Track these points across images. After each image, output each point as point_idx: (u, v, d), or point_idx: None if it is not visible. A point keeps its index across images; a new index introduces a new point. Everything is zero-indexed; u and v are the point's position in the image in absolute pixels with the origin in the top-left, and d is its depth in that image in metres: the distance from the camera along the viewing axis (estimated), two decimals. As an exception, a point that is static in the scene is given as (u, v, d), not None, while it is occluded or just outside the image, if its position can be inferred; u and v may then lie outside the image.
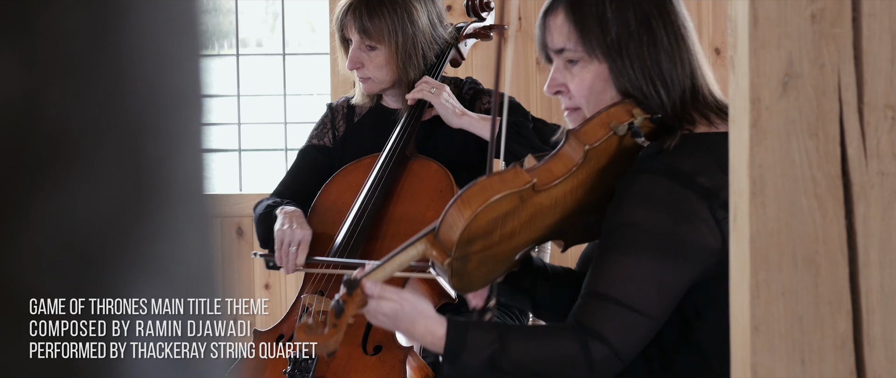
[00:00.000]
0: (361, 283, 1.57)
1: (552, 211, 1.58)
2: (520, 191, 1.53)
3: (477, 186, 1.53)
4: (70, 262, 0.36)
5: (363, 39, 2.32)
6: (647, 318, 1.52)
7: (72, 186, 0.36)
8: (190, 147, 0.40)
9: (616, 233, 1.54)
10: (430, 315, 1.58)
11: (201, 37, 0.40)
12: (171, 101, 0.39)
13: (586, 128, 1.58)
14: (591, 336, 1.51)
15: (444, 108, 2.29)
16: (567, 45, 1.62)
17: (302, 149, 2.52)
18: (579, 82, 1.62)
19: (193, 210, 0.39)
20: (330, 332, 1.53)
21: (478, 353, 1.55)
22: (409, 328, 1.58)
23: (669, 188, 1.52)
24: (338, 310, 1.54)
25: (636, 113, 1.58)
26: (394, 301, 1.56)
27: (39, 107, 0.36)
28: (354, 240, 2.25)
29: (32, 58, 0.35)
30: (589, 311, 1.53)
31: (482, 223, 1.52)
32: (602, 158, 1.58)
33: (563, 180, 1.56)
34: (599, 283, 1.53)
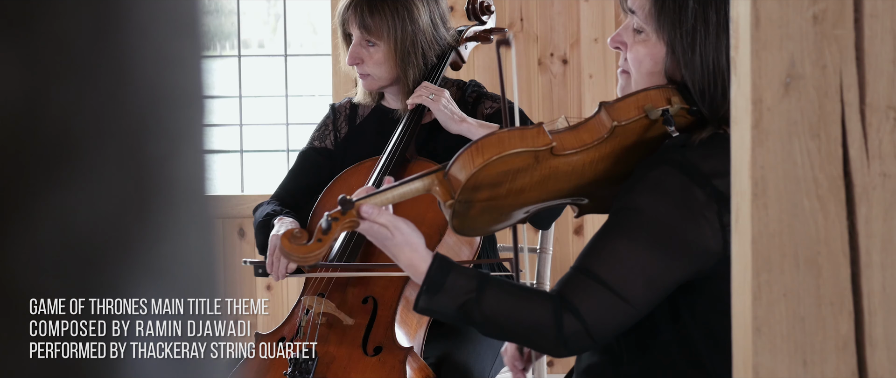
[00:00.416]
0: (357, 205, 1.57)
1: (567, 177, 1.57)
2: (536, 150, 1.52)
3: (495, 137, 1.52)
4: (71, 262, 0.36)
5: (363, 35, 2.33)
6: (628, 304, 1.52)
7: (73, 187, 0.36)
8: (192, 148, 0.40)
9: (620, 214, 1.54)
10: (418, 249, 1.59)
11: (203, 38, 0.40)
12: (172, 102, 0.39)
13: (620, 104, 1.56)
14: (567, 309, 1.52)
15: (443, 114, 2.29)
16: (639, 14, 1.60)
17: (302, 151, 2.52)
18: (635, 53, 1.61)
19: (195, 211, 0.39)
20: (313, 245, 1.54)
21: (453, 297, 1.55)
22: (395, 255, 1.60)
23: (683, 184, 1.51)
24: (325, 226, 1.54)
25: (675, 101, 1.56)
26: (386, 227, 1.58)
27: (41, 107, 0.36)
28: (354, 242, 2.25)
29: (34, 58, 0.35)
30: (572, 285, 1.54)
31: (491, 173, 1.52)
32: (629, 137, 1.57)
33: (584, 150, 1.55)
34: (590, 260, 1.54)
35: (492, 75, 3.75)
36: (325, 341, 2.19)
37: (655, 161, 1.54)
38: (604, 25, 3.77)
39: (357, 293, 2.25)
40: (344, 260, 2.23)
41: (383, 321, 2.19)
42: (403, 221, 1.60)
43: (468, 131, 2.30)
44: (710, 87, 1.55)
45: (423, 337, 2.24)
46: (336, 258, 2.25)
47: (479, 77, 3.68)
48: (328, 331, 2.21)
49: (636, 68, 1.61)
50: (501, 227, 1.69)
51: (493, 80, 3.69)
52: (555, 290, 1.56)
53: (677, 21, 1.56)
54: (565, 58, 3.77)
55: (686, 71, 1.56)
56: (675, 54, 1.57)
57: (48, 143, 0.36)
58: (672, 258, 1.52)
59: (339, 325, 2.21)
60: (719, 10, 1.55)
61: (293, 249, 1.53)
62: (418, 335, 2.23)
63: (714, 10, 1.55)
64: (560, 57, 3.78)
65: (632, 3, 1.61)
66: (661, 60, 1.59)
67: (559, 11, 3.75)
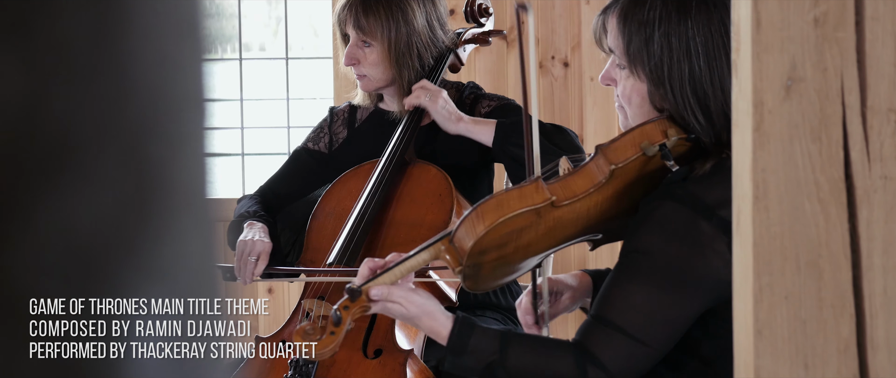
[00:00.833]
0: (365, 291, 1.57)
1: (573, 224, 1.58)
2: (537, 207, 1.52)
3: (494, 200, 1.53)
4: (72, 263, 0.36)
5: (359, 36, 2.34)
6: (648, 348, 1.53)
7: (74, 189, 0.36)
8: (192, 151, 0.40)
9: (630, 258, 1.55)
10: (436, 316, 1.59)
11: (204, 41, 0.40)
12: (173, 105, 0.39)
13: (616, 145, 1.56)
14: (590, 361, 1.53)
15: (440, 115, 2.29)
16: (616, 52, 1.62)
17: (295, 150, 2.53)
18: (623, 89, 1.63)
19: (196, 214, 0.39)
20: (327, 339, 1.54)
21: (478, 359, 1.57)
22: (416, 325, 1.62)
23: (689, 219, 1.51)
24: (336, 319, 1.54)
25: (671, 133, 1.56)
26: (399, 304, 1.58)
27: (43, 110, 0.36)
28: (354, 245, 2.25)
29: (36, 61, 0.35)
30: (592, 335, 1.55)
31: (495, 237, 1.53)
32: (629, 175, 1.57)
33: (584, 197, 1.55)
34: (606, 309, 1.55)
35: (492, 78, 3.76)
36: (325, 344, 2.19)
37: (659, 197, 1.54)
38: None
39: (358, 296, 2.24)
40: (343, 263, 2.23)
41: (383, 324, 2.19)
42: (415, 292, 1.61)
43: (466, 131, 2.30)
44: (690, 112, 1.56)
45: (423, 339, 2.24)
46: (335, 261, 2.25)
47: (479, 79, 3.68)
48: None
49: (627, 104, 1.62)
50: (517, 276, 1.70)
51: (493, 82, 3.70)
52: (575, 340, 1.57)
53: (645, 55, 1.57)
54: (566, 61, 3.77)
55: (664, 102, 1.57)
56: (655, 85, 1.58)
57: (49, 145, 0.36)
58: (687, 297, 1.52)
59: (340, 327, 2.21)
60: (681, 35, 1.56)
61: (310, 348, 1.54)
62: (418, 338, 2.23)
63: (675, 36, 1.56)
64: (561, 60, 3.78)
65: (610, 44, 1.64)
66: (645, 94, 1.60)
67: (560, 14, 3.75)
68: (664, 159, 1.54)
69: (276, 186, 2.47)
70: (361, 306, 1.57)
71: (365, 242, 2.27)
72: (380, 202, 2.30)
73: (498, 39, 3.69)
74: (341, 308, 1.55)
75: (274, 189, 2.46)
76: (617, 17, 1.61)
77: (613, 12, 1.62)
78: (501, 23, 3.71)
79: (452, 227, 1.57)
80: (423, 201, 2.29)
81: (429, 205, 2.28)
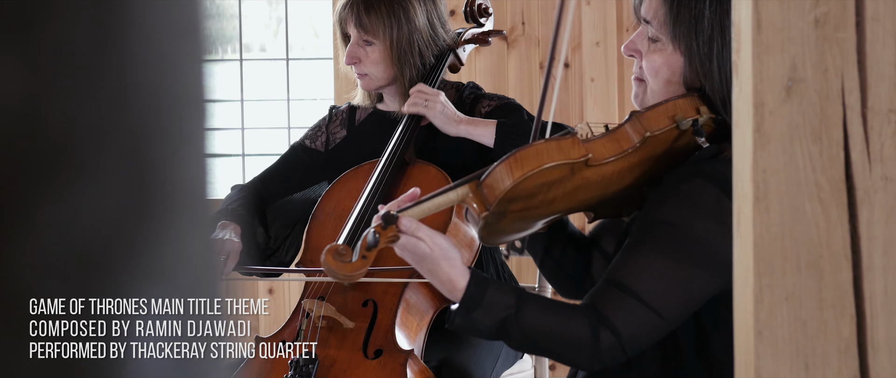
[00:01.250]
0: (398, 218, 1.55)
1: (596, 186, 1.57)
2: (573, 162, 1.51)
3: (533, 149, 1.51)
4: (72, 264, 0.36)
5: (360, 34, 2.35)
6: (662, 319, 1.51)
7: (75, 190, 0.36)
8: (193, 152, 0.40)
9: (655, 228, 1.53)
10: (456, 264, 1.57)
11: (205, 41, 0.40)
12: (174, 106, 0.39)
13: (650, 114, 1.55)
14: (603, 324, 1.51)
15: (439, 119, 2.29)
16: (654, 23, 1.59)
17: (293, 145, 2.54)
18: (650, 62, 1.60)
19: (196, 214, 0.39)
20: (358, 262, 1.51)
21: (492, 314, 1.54)
22: (432, 270, 1.57)
23: (716, 197, 1.50)
24: (372, 242, 1.51)
25: (703, 111, 1.55)
26: (425, 242, 1.56)
27: (43, 111, 0.36)
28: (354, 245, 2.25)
29: (36, 62, 0.35)
30: (608, 300, 1.52)
31: (529, 186, 1.51)
32: (658, 147, 1.56)
33: (615, 160, 1.54)
34: (625, 275, 1.53)
35: (493, 78, 3.75)
36: (325, 344, 2.19)
37: (687, 173, 1.53)
38: (605, 29, 3.77)
39: (357, 296, 2.25)
40: (345, 263, 2.23)
41: (384, 324, 2.19)
42: (440, 235, 1.59)
43: (466, 132, 2.30)
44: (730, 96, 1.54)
45: (423, 340, 2.24)
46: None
47: (479, 79, 3.68)
48: (328, 334, 2.21)
49: (653, 77, 1.60)
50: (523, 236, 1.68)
51: (493, 83, 3.70)
52: (586, 304, 1.55)
53: (694, 30, 1.54)
54: (567, 61, 3.77)
55: (705, 81, 1.55)
56: (693, 64, 1.55)
57: (50, 146, 0.36)
58: (707, 272, 1.51)
59: (340, 328, 2.21)
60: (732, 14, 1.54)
61: (339, 267, 1.51)
62: (419, 338, 2.23)
63: (729, 15, 1.54)
64: (561, 61, 3.78)
65: (646, 13, 1.60)
66: (678, 70, 1.58)
67: (561, 15, 3.74)
68: (696, 135, 1.53)
69: (269, 180, 2.48)
70: (391, 235, 1.55)
71: (365, 243, 2.27)
72: (380, 202, 2.30)
73: (498, 39, 3.69)
74: (376, 230, 1.53)
75: (266, 183, 2.47)
76: None
77: None
78: (501, 23, 3.71)
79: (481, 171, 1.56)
80: (423, 201, 2.29)
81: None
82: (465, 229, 2.25)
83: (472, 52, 3.01)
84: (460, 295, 1.55)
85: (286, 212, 2.50)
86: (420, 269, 1.59)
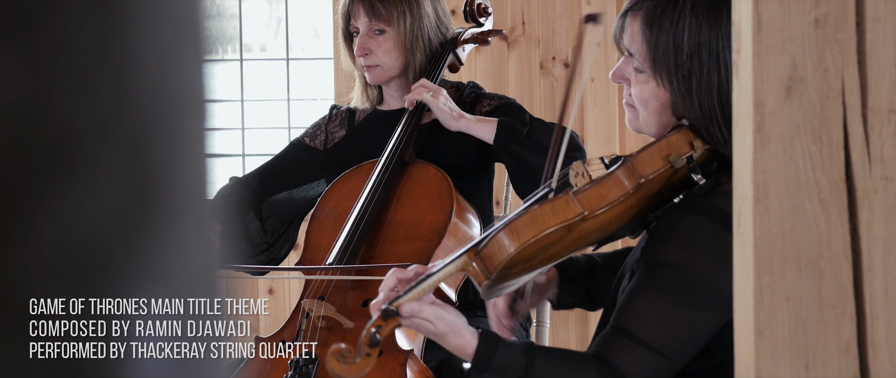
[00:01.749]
0: (399, 309, 1.57)
1: (595, 233, 1.58)
2: (569, 223, 1.52)
3: (528, 217, 1.51)
4: (72, 264, 0.36)
5: (372, 23, 2.35)
6: (671, 361, 1.53)
7: (75, 190, 0.36)
8: (193, 152, 0.40)
9: (655, 271, 1.54)
10: (462, 334, 1.59)
11: (205, 42, 0.40)
12: (174, 106, 0.39)
13: (643, 156, 1.55)
14: (612, 373, 1.52)
15: (442, 112, 2.30)
16: (637, 56, 1.59)
17: (292, 142, 2.54)
18: (639, 92, 1.61)
19: (196, 214, 0.39)
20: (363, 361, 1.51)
21: (503, 376, 1.56)
22: (441, 341, 1.61)
23: (716, 233, 1.50)
24: (374, 341, 1.52)
25: (697, 144, 1.54)
26: (429, 321, 1.58)
27: (44, 111, 0.36)
28: (353, 245, 2.25)
29: (37, 62, 0.35)
30: (615, 347, 1.54)
31: (527, 254, 1.52)
32: (654, 186, 1.56)
33: (611, 207, 1.54)
34: (630, 321, 1.54)
35: (493, 78, 3.76)
36: (325, 344, 2.19)
37: (685, 210, 1.53)
38: (606, 30, 3.77)
39: (357, 296, 2.24)
40: (343, 263, 2.23)
41: (384, 324, 2.19)
42: (443, 308, 1.60)
43: (467, 127, 2.30)
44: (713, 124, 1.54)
45: (423, 340, 2.24)
46: (335, 261, 2.25)
47: (479, 80, 3.68)
48: (328, 334, 2.21)
49: (643, 107, 1.60)
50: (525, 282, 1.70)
51: (493, 83, 3.70)
52: (594, 352, 1.56)
53: (673, 65, 1.55)
54: (567, 61, 3.77)
55: (688, 113, 1.55)
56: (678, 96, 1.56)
57: (50, 146, 0.36)
58: (712, 310, 1.51)
59: (340, 328, 2.21)
60: (712, 45, 1.54)
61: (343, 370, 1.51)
62: (419, 338, 2.23)
63: (706, 47, 1.54)
64: (562, 61, 3.78)
65: (628, 45, 1.61)
66: (666, 100, 1.58)
67: (561, 15, 3.75)
68: (691, 172, 1.53)
69: (267, 175, 2.48)
70: (394, 324, 1.56)
71: (365, 242, 2.27)
72: (379, 202, 2.30)
73: (498, 39, 3.69)
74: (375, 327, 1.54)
75: (264, 177, 2.47)
76: (642, 21, 1.57)
77: (636, 15, 1.59)
78: (501, 23, 3.71)
79: (479, 240, 1.57)
80: (422, 201, 2.29)
81: (428, 205, 2.28)
82: (465, 229, 2.25)
83: (472, 52, 3.01)
84: (471, 359, 1.58)
85: (282, 208, 2.50)
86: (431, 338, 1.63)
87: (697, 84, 1.54)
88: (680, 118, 1.57)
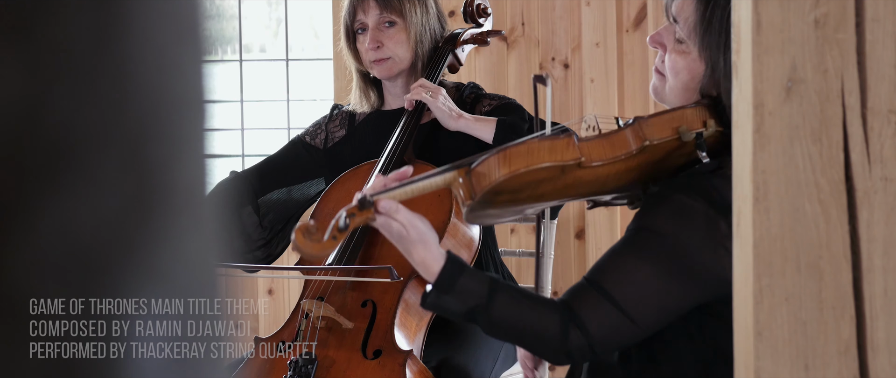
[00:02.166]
0: (376, 203, 1.55)
1: (588, 185, 1.56)
2: (564, 164, 1.51)
3: (524, 146, 1.50)
4: (72, 264, 0.36)
5: (383, 15, 2.37)
6: (635, 326, 1.51)
7: (75, 191, 0.36)
8: (193, 152, 0.40)
9: (640, 235, 1.53)
10: (432, 248, 1.57)
11: (204, 42, 0.40)
12: (173, 107, 0.39)
13: (654, 121, 1.53)
14: (575, 323, 1.51)
15: (441, 112, 2.30)
16: (682, 26, 1.56)
17: (293, 139, 2.55)
18: (673, 62, 1.59)
19: (196, 215, 0.39)
20: (327, 242, 1.50)
21: (463, 300, 1.54)
22: (407, 251, 1.58)
23: (708, 214, 1.49)
24: (343, 225, 1.51)
25: (710, 124, 1.53)
26: (401, 225, 1.56)
27: (43, 111, 0.36)
28: (353, 245, 2.25)
29: (36, 63, 0.35)
30: (583, 299, 1.53)
31: (516, 183, 1.51)
32: (657, 154, 1.54)
33: (610, 163, 1.53)
34: (604, 277, 1.53)
35: (493, 79, 3.75)
36: (324, 345, 2.19)
37: (683, 185, 1.52)
38: (605, 30, 3.77)
39: (356, 296, 2.25)
40: (343, 263, 2.23)
41: (383, 324, 2.19)
42: (419, 218, 1.59)
43: (466, 127, 2.31)
44: None
45: (422, 340, 2.24)
46: (335, 261, 2.25)
47: (479, 80, 3.68)
48: (328, 334, 2.21)
49: (673, 76, 1.59)
50: (511, 220, 1.69)
51: (493, 84, 3.70)
52: (563, 300, 1.55)
53: (722, 44, 1.52)
54: (567, 62, 3.77)
55: (725, 95, 1.53)
56: (715, 76, 1.54)
57: (50, 146, 0.36)
58: (687, 286, 1.50)
59: (339, 328, 2.21)
60: None
61: (306, 245, 1.50)
62: (418, 338, 2.23)
63: None
64: (561, 61, 3.78)
65: (676, 12, 1.57)
66: (698, 76, 1.56)
67: (561, 16, 3.75)
68: (698, 149, 1.52)
69: (266, 171, 2.49)
70: (367, 217, 1.55)
71: (364, 242, 2.27)
72: (379, 203, 2.30)
73: (498, 40, 3.70)
74: (349, 214, 1.53)
75: (263, 173, 2.48)
76: None
77: None
78: (501, 23, 3.71)
79: (473, 159, 1.55)
80: (421, 201, 2.29)
81: (427, 205, 2.28)
82: (464, 229, 2.25)
83: (472, 52, 3.01)
84: (434, 278, 1.56)
85: (281, 205, 2.51)
86: (399, 248, 1.60)
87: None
88: (705, 97, 1.56)
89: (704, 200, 1.49)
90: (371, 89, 2.50)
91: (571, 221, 3.74)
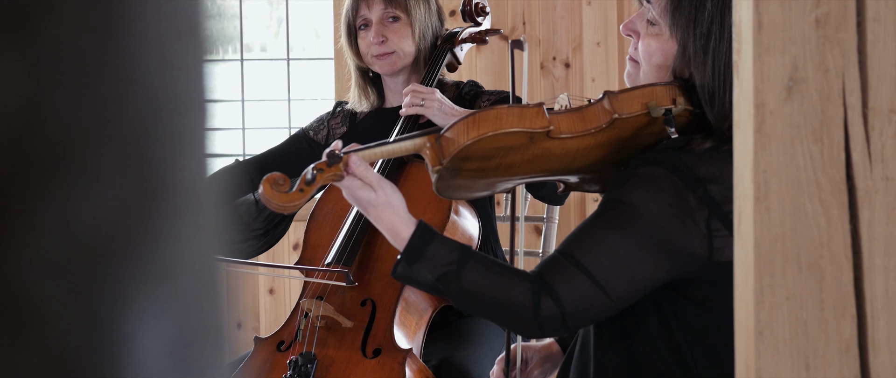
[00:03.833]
0: (346, 158, 1.56)
1: (558, 159, 1.57)
2: (533, 132, 1.51)
3: (493, 112, 1.51)
4: (73, 265, 0.36)
5: (387, 10, 2.38)
6: (607, 297, 1.51)
7: (75, 190, 0.36)
8: (194, 152, 0.40)
9: (611, 207, 1.53)
10: (401, 213, 1.57)
11: (205, 42, 0.40)
12: (174, 106, 0.39)
13: (624, 96, 1.54)
14: (547, 292, 1.51)
15: (437, 116, 2.32)
16: (655, 7, 1.58)
17: (296, 133, 2.57)
18: (646, 45, 1.60)
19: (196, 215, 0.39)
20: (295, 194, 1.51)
21: (433, 267, 1.54)
22: (377, 218, 1.57)
23: (677, 187, 1.50)
24: (310, 178, 1.52)
25: (679, 101, 1.54)
26: (370, 186, 1.56)
27: (43, 111, 0.36)
28: (352, 245, 2.25)
29: (36, 62, 0.35)
30: (555, 269, 1.53)
31: (484, 148, 1.52)
32: (627, 130, 1.56)
33: (579, 136, 1.53)
34: (576, 248, 1.53)
35: (493, 78, 3.75)
36: (324, 344, 2.19)
37: (652, 159, 1.53)
38: (606, 29, 3.77)
39: (355, 296, 2.25)
40: (342, 263, 2.23)
41: (382, 323, 2.19)
42: (389, 183, 1.59)
43: None
44: (719, 91, 1.53)
45: (422, 338, 2.24)
46: (334, 261, 2.25)
47: (480, 79, 3.68)
48: (327, 334, 2.21)
49: (646, 60, 1.60)
50: (482, 196, 1.69)
51: (494, 83, 3.70)
52: (535, 272, 1.55)
53: (692, 21, 1.53)
54: (567, 61, 3.77)
55: (696, 72, 1.54)
56: (687, 54, 1.55)
57: (50, 147, 0.36)
58: (658, 258, 1.51)
59: (338, 327, 2.21)
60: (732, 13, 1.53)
61: (273, 196, 1.51)
62: (417, 337, 2.23)
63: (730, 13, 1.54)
64: (562, 61, 3.78)
65: None
66: (671, 56, 1.57)
67: (562, 15, 3.74)
68: (666, 124, 1.53)
69: (268, 162, 2.50)
70: (336, 174, 1.55)
71: (363, 242, 2.27)
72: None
73: (498, 39, 3.69)
74: (316, 168, 1.54)
75: (265, 164, 2.49)
76: None
77: None
78: (501, 23, 3.71)
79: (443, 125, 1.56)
80: (420, 201, 2.29)
81: (426, 205, 2.28)
82: (462, 227, 2.26)
83: (472, 51, 3.01)
84: (404, 245, 1.55)
85: None
86: (364, 213, 1.60)
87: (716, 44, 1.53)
88: (676, 78, 1.57)
89: (671, 173, 1.50)
90: (370, 87, 2.51)
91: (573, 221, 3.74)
